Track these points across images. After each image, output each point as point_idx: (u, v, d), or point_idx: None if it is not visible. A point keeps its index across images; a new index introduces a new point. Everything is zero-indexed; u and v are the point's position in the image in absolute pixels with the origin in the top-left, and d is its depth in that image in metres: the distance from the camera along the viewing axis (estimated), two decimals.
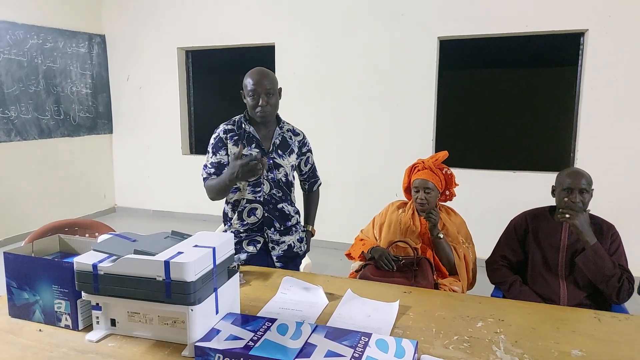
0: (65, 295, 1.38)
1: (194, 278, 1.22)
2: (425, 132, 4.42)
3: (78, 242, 1.68)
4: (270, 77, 2.01)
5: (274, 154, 2.07)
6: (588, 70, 3.90)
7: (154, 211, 5.94)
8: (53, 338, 1.35)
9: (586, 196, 1.95)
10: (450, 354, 1.29)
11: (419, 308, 1.58)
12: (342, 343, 1.23)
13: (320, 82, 4.74)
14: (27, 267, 1.42)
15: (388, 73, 4.47)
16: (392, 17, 4.38)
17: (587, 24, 3.85)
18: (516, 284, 2.07)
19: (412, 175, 2.26)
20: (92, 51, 5.66)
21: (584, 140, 3.99)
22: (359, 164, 4.69)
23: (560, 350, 1.31)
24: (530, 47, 5.89)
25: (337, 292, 1.68)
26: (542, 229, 2.08)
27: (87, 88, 5.64)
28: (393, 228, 2.26)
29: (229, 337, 1.26)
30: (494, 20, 4.08)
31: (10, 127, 4.75)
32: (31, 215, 4.97)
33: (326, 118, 4.74)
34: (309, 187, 2.33)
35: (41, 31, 5.00)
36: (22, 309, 1.45)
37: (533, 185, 4.07)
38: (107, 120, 5.95)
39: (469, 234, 2.27)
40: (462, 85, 7.55)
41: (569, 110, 4.33)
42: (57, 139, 5.30)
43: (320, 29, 4.67)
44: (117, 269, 1.25)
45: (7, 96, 4.69)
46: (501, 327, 1.45)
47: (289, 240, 2.15)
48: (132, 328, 1.34)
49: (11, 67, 4.71)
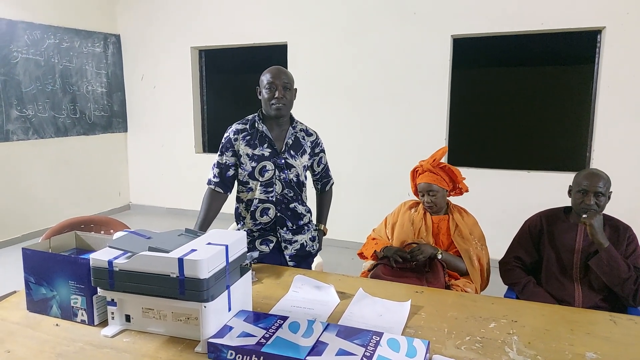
0: (82, 291, 1.40)
1: (207, 275, 1.23)
2: (438, 131, 4.38)
3: (94, 239, 1.71)
4: (288, 74, 2.04)
5: (286, 154, 2.07)
6: (605, 69, 3.84)
7: (168, 209, 6.01)
8: (69, 333, 1.37)
9: (602, 199, 1.92)
10: (462, 354, 1.28)
11: (431, 308, 1.58)
12: (353, 342, 1.23)
13: (333, 82, 4.74)
14: (44, 263, 1.45)
15: (400, 72, 4.45)
16: (405, 16, 4.36)
17: (604, 21, 3.78)
18: (530, 285, 2.05)
19: (415, 179, 2.25)
20: (107, 51, 5.73)
21: (601, 139, 3.92)
22: (371, 164, 4.68)
23: (575, 353, 1.29)
24: (546, 45, 5.81)
25: (348, 291, 1.68)
26: (557, 230, 2.06)
27: (103, 87, 5.72)
28: (405, 227, 2.26)
29: (241, 334, 1.27)
30: (508, 18, 4.03)
31: (28, 125, 4.84)
32: (48, 212, 5.06)
33: (338, 117, 4.74)
34: (322, 187, 2.33)
35: (58, 31, 5.08)
36: (39, 304, 1.48)
37: (547, 186, 4.01)
38: (121, 119, 6.02)
39: (482, 235, 2.25)
40: (475, 84, 7.48)
41: (585, 109, 4.27)
42: (73, 137, 5.39)
43: (332, 28, 4.67)
44: (132, 266, 1.27)
45: (25, 95, 4.78)
46: (514, 328, 1.44)
47: (302, 239, 2.16)
48: (147, 324, 1.36)
49: (29, 67, 4.80)
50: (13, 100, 4.66)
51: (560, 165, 4.39)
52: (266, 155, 2.04)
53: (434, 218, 2.23)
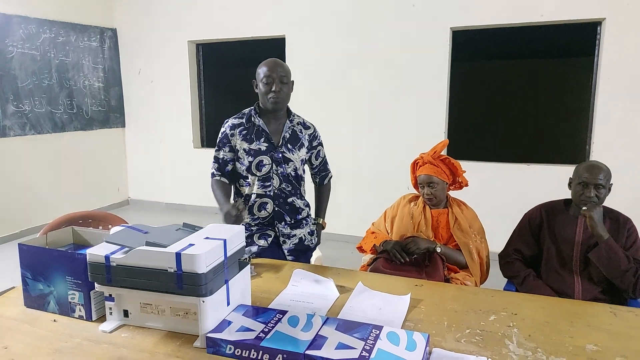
0: (79, 287, 1.39)
1: (205, 270, 1.22)
2: (437, 124, 4.37)
3: (91, 234, 1.70)
4: (284, 66, 2.02)
5: (283, 148, 2.05)
6: (605, 61, 3.81)
7: (166, 204, 6.00)
8: (67, 328, 1.37)
9: (602, 191, 1.91)
10: (462, 347, 1.27)
11: (431, 301, 1.57)
12: (353, 335, 1.23)
13: (331, 75, 4.71)
14: (41, 258, 1.44)
15: (399, 65, 4.42)
16: (404, 8, 4.33)
17: (604, 12, 3.75)
18: (529, 278, 2.04)
19: (416, 172, 2.24)
20: (103, 45, 5.69)
21: (600, 132, 3.91)
22: (370, 157, 4.66)
23: (575, 345, 1.29)
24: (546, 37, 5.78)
25: (348, 285, 1.68)
26: (557, 222, 2.05)
27: (99, 82, 5.68)
28: (405, 221, 2.25)
29: (240, 329, 1.26)
30: (508, 9, 4.00)
31: (25, 121, 4.81)
32: (46, 208, 5.04)
33: (337, 111, 4.72)
34: (320, 180, 2.32)
35: (53, 25, 5.04)
36: (37, 299, 1.47)
37: (547, 178, 4.01)
38: (119, 114, 5.99)
39: (482, 228, 2.24)
40: (475, 77, 7.46)
41: (584, 101, 4.25)
42: (70, 132, 5.36)
43: (331, 22, 4.64)
44: (129, 261, 1.26)
45: (21, 90, 4.75)
46: (514, 320, 1.43)
47: (300, 234, 2.15)
48: (145, 319, 1.36)
49: (24, 61, 4.76)
50: (9, 95, 4.63)
51: (560, 158, 4.38)
52: (263, 150, 2.03)
53: (433, 212, 2.22)
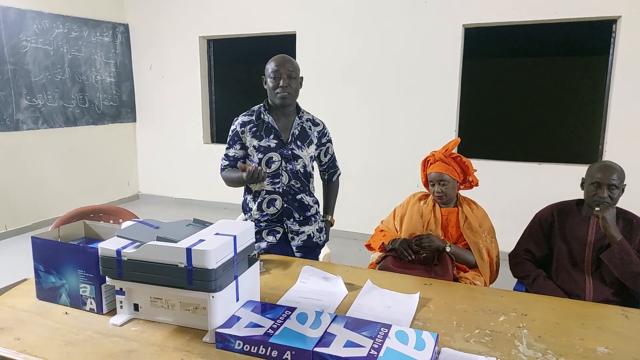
0: (90, 280, 1.41)
1: (215, 265, 1.22)
2: (448, 122, 4.34)
3: (102, 228, 1.71)
4: (293, 62, 2.01)
5: (292, 145, 2.05)
6: (620, 59, 3.75)
7: (176, 199, 6.04)
8: (78, 321, 1.38)
9: (615, 192, 1.88)
10: (471, 347, 1.27)
11: (440, 300, 1.56)
12: (361, 333, 1.23)
13: (341, 72, 4.69)
14: (53, 251, 1.46)
15: (410, 62, 4.39)
16: (415, 5, 4.30)
17: (619, 10, 3.69)
18: (540, 278, 2.03)
19: (427, 169, 2.22)
20: (115, 40, 5.73)
21: (614, 132, 3.85)
22: (380, 154, 4.65)
23: (585, 347, 1.28)
24: (559, 35, 5.71)
25: (356, 283, 1.68)
26: (569, 223, 2.03)
27: (111, 77, 5.73)
28: (414, 220, 2.24)
29: (249, 325, 1.27)
30: (521, 7, 3.95)
31: (38, 114, 4.87)
32: (58, 201, 5.11)
33: (347, 108, 4.70)
34: (329, 177, 2.31)
35: (66, 20, 5.08)
36: (49, 292, 1.49)
37: (559, 178, 3.96)
38: (130, 109, 6.04)
39: (492, 227, 2.22)
40: (487, 74, 7.39)
41: (598, 100, 4.19)
42: (82, 127, 5.41)
43: (341, 18, 4.62)
44: (140, 255, 1.27)
45: (34, 84, 4.80)
46: (524, 321, 1.42)
47: (309, 231, 2.15)
48: (155, 313, 1.37)
49: (38, 56, 4.81)
50: (23, 89, 4.69)
51: (572, 158, 4.33)
52: (272, 147, 2.03)
53: (443, 210, 2.21)
